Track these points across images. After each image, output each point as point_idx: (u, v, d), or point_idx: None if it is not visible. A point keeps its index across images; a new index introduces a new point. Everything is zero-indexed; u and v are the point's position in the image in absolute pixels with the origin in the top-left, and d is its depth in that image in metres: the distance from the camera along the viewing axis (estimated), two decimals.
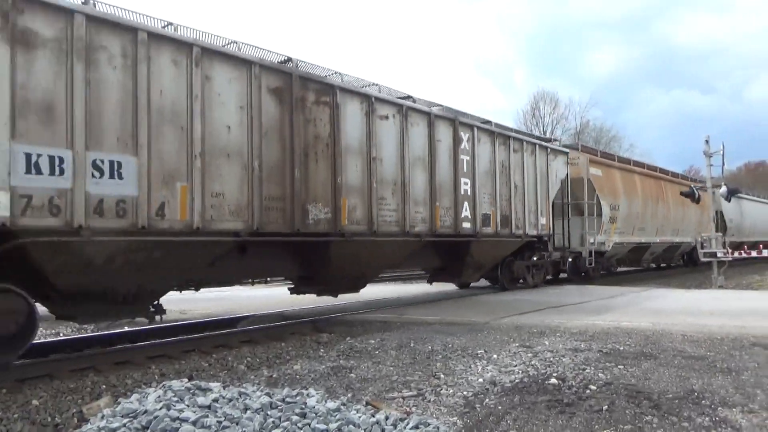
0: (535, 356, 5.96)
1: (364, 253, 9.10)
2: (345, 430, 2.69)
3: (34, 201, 5.45)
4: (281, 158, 7.71)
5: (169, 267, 6.76)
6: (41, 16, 5.60)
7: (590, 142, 48.40)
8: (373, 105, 9.06)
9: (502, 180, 12.01)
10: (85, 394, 5.33)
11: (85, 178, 5.79)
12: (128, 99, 6.21)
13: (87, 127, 5.83)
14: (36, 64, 5.57)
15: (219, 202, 6.96)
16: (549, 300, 11.17)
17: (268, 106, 7.57)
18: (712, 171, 16.13)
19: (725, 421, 3.92)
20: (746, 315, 8.67)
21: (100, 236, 5.88)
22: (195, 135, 6.72)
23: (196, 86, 6.76)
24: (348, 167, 8.65)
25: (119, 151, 6.10)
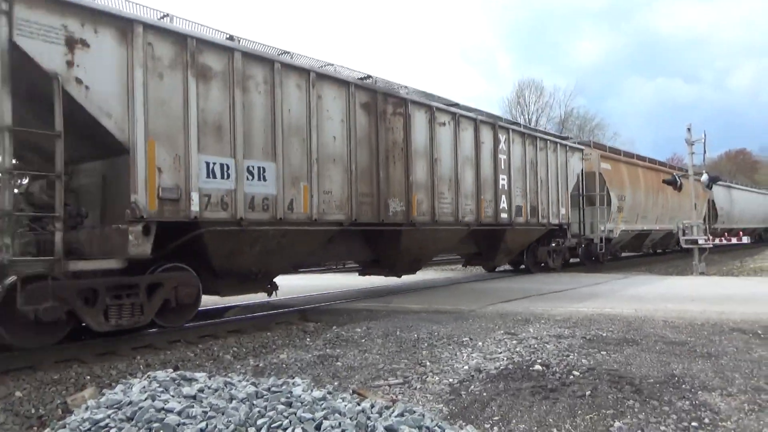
0: (520, 343, 6.02)
1: (426, 240, 10.84)
2: (331, 418, 2.71)
3: (211, 199, 7.06)
4: (369, 162, 9.37)
5: (289, 251, 8.44)
6: (213, 54, 7.18)
7: (574, 130, 48.72)
8: (434, 114, 10.73)
9: (531, 175, 13.70)
10: (69, 386, 5.29)
11: (243, 181, 7.38)
12: (268, 117, 7.78)
13: (244, 140, 7.43)
14: (210, 92, 7.13)
15: (328, 198, 8.61)
16: (534, 287, 11.28)
17: (360, 119, 9.22)
18: (693, 159, 16.32)
19: (705, 405, 4.00)
20: (726, 301, 8.82)
21: (253, 226, 7.53)
22: (312, 145, 8.35)
23: (312, 104, 8.35)
24: (417, 167, 10.32)
25: (264, 158, 7.70)
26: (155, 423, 2.72)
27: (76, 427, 2.93)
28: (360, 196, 9.09)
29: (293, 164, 8.07)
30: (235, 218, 7.26)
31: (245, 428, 2.61)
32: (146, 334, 6.99)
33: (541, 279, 13.44)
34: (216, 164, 7.10)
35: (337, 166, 8.76)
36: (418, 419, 2.82)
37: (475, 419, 3.91)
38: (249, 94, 7.53)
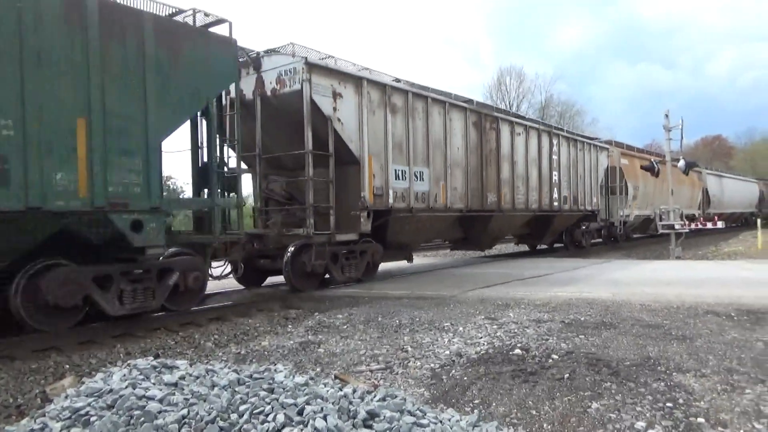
0: (500, 328, 6.10)
1: (506, 223, 14.81)
2: (313, 403, 2.72)
3: (397, 194, 10.72)
4: (477, 164, 13.17)
5: (429, 231, 12.62)
6: (397, 95, 10.95)
7: (555, 116, 48.99)
8: (514, 126, 14.57)
9: (573, 171, 17.39)
10: (48, 375, 5.24)
11: (412, 181, 11.10)
12: (425, 136, 11.54)
13: (412, 153, 11.14)
14: (396, 122, 10.85)
15: (455, 192, 12.38)
16: (515, 272, 11.40)
17: (471, 133, 13.00)
18: (671, 145, 16.55)
19: (679, 386, 4.10)
20: (701, 284, 9.01)
21: (418, 213, 11.37)
22: (447, 154, 12.11)
23: (447, 125, 12.13)
24: (503, 168, 14.06)
25: (423, 165, 11.46)
26: (136, 411, 2.71)
27: (56, 416, 2.91)
28: (471, 190, 12.87)
29: (437, 169, 11.83)
30: (408, 207, 11.04)
31: (227, 415, 2.61)
32: (125, 321, 6.91)
33: (522, 264, 13.58)
34: (399, 170, 10.82)
35: (459, 169, 12.54)
36: (400, 403, 2.85)
37: (456, 403, 3.96)
38: (415, 121, 11.26)
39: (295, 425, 2.52)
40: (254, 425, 2.53)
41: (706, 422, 3.48)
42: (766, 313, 6.55)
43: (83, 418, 2.80)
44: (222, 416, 2.60)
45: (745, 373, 4.38)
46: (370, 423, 2.62)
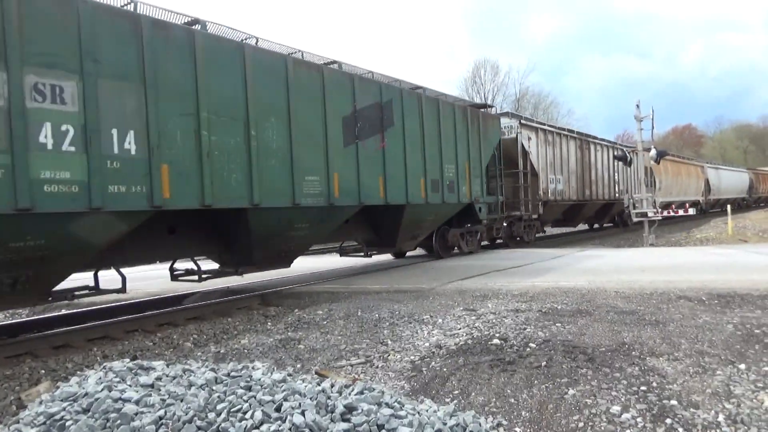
0: (479, 319, 6.15)
1: (590, 209, 21.86)
2: (291, 399, 2.72)
3: (548, 192, 17.54)
4: (580, 172, 19.94)
5: (557, 212, 19.48)
6: (550, 135, 18.33)
7: (529, 108, 49.39)
8: (595, 146, 21.61)
9: (604, 168, 22.64)
10: (23, 381, 5.16)
11: (561, 184, 18.40)
12: (560, 157, 18.38)
13: (556, 168, 18.41)
14: (551, 150, 18.22)
15: (571, 189, 18.99)
16: (494, 263, 11.50)
17: (578, 153, 19.75)
18: (642, 134, 16.83)
19: (653, 370, 4.19)
20: (674, 270, 9.20)
21: (558, 203, 18.56)
22: (569, 167, 18.92)
23: (568, 150, 18.97)
24: (592, 172, 20.99)
25: (559, 174, 18.29)
26: (112, 413, 2.68)
27: (30, 422, 2.87)
28: (578, 188, 19.51)
29: (564, 176, 18.49)
30: (554, 200, 17.83)
31: (205, 414, 2.60)
32: (101, 324, 6.82)
33: (500, 255, 13.71)
34: (552, 179, 17.62)
35: (573, 175, 19.34)
36: (377, 396, 2.87)
37: (436, 394, 3.99)
38: (555, 149, 18.21)
39: (273, 422, 2.52)
40: (232, 423, 2.52)
41: (679, 404, 3.56)
42: (735, 297, 6.71)
43: (58, 423, 2.76)
44: (199, 415, 2.59)
45: (716, 355, 4.49)
46: (348, 417, 2.63)
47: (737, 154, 71.21)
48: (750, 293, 6.84)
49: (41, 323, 7.55)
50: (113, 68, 6.21)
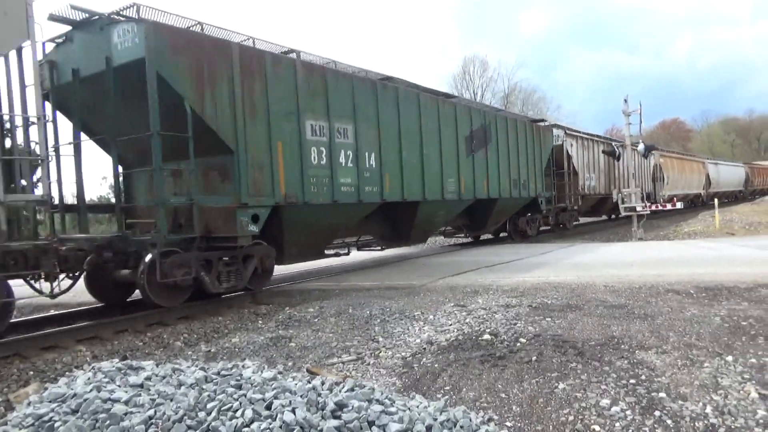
0: (470, 314, 6.17)
1: (609, 201, 21.91)
2: (281, 397, 2.72)
3: (584, 188, 20.45)
4: (607, 170, 22.25)
5: (589, 204, 21.88)
6: (587, 142, 21.04)
7: (518, 104, 49.48)
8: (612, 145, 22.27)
9: (624, 166, 23.86)
10: (11, 382, 5.11)
11: (593, 181, 21.16)
12: (593, 159, 21.09)
13: (592, 168, 21.08)
14: (583, 153, 20.80)
15: (598, 184, 21.40)
16: (484, 259, 11.53)
17: (603, 158, 21.75)
18: (630, 129, 16.93)
19: (642, 363, 4.23)
20: (662, 264, 9.28)
21: (591, 196, 21.01)
22: (599, 166, 21.70)
23: (597, 152, 21.46)
24: (615, 170, 22.58)
25: (594, 174, 21.12)
26: (101, 414, 2.66)
27: (18, 423, 2.84)
28: (604, 184, 21.71)
29: (596, 174, 21.08)
30: (589, 194, 20.40)
31: (195, 413, 2.59)
32: (90, 325, 6.77)
33: (490, 251, 13.75)
34: (587, 177, 20.38)
35: (603, 174, 21.78)
36: (368, 393, 2.87)
37: (428, 390, 4.00)
38: (589, 152, 20.69)
39: (263, 420, 2.51)
40: (222, 422, 2.52)
41: (667, 396, 3.60)
42: (722, 290, 6.79)
43: (47, 424, 2.74)
44: (189, 415, 2.58)
45: (704, 347, 4.54)
46: (338, 414, 2.63)
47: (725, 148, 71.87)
48: (737, 286, 6.92)
49: (30, 324, 7.47)
50: (364, 116, 10.26)
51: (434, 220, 13.12)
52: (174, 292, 7.49)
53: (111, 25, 7.54)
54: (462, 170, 12.98)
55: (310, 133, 9.08)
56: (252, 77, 8.23)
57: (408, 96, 11.45)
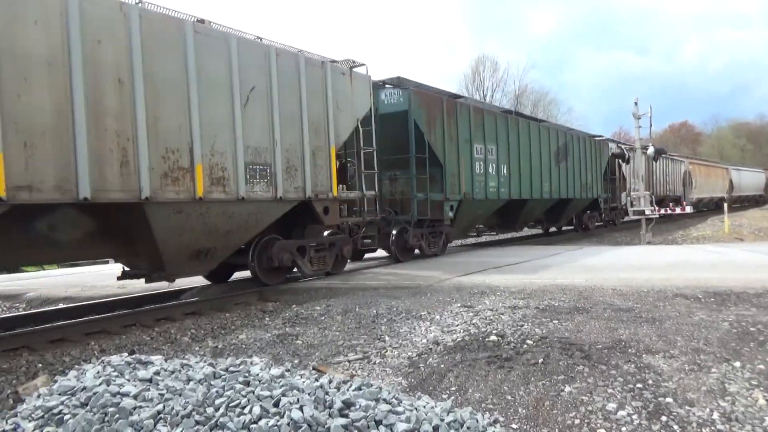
0: (476, 315, 6.17)
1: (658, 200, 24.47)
2: (289, 395, 2.73)
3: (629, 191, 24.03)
4: (648, 176, 23.03)
5: None
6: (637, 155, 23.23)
7: (529, 106, 49.33)
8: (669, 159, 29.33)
9: (671, 176, 30.03)
10: (20, 374, 5.15)
11: (630, 184, 23.74)
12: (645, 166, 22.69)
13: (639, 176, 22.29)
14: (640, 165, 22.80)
15: (640, 187, 20.48)
16: (492, 260, 11.52)
17: (645, 161, 21.82)
18: (640, 132, 16.85)
19: (649, 367, 4.21)
20: (670, 268, 9.22)
21: None
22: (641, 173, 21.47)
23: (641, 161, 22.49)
24: (653, 176, 25.85)
25: (636, 177, 21.80)
26: (110, 407, 2.68)
27: (28, 416, 2.87)
28: (645, 187, 21.47)
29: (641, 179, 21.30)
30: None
31: (203, 408, 2.61)
32: (99, 318, 6.82)
33: (499, 252, 13.74)
34: (633, 182, 22.24)
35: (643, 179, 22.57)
36: (375, 392, 2.88)
37: (433, 390, 4.01)
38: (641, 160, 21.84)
39: (271, 417, 2.53)
40: (230, 418, 2.53)
41: (674, 401, 3.59)
42: (731, 295, 6.74)
43: (56, 416, 2.77)
44: (198, 410, 2.60)
45: (712, 353, 4.52)
46: (346, 412, 2.64)
47: (734, 152, 71.29)
48: (746, 291, 6.87)
49: (38, 317, 7.54)
50: (502, 139, 14.74)
51: (533, 213, 17.91)
52: (404, 252, 12.51)
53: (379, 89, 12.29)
54: (552, 177, 17.33)
55: (476, 152, 13.89)
56: (450, 117, 12.98)
57: (522, 123, 16.03)
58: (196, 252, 7.59)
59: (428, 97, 12.52)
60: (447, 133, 12.72)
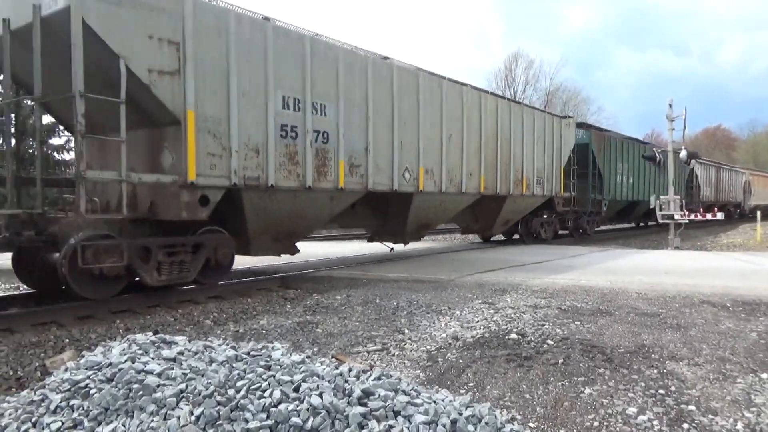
0: (497, 312, 6.14)
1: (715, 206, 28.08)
2: (309, 381, 2.76)
3: None
4: (714, 182, 31.81)
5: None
6: (697, 162, 28.88)
7: (559, 104, 48.73)
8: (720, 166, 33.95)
9: (731, 183, 35.03)
10: (47, 348, 5.29)
11: (702, 191, 29.88)
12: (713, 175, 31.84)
13: None
14: None
15: (706, 192, 30.02)
16: (515, 258, 11.44)
17: (716, 172, 32.17)
18: (673, 135, 16.49)
19: (672, 374, 4.14)
20: (698, 274, 9.04)
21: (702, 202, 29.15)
22: (705, 181, 30.47)
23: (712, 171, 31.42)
24: (720, 182, 32.73)
25: (707, 186, 30.86)
26: (135, 384, 2.75)
27: (56, 388, 2.95)
28: (711, 193, 30.93)
29: (705, 186, 30.00)
30: (703, 200, 28.24)
31: (225, 390, 2.65)
32: (124, 298, 6.95)
33: (522, 250, 13.62)
34: (704, 188, 29.75)
35: (708, 186, 30.52)
36: (395, 383, 2.89)
37: (451, 385, 4.00)
38: (712, 171, 31.61)
39: (291, 401, 2.56)
40: (251, 401, 2.57)
41: (697, 410, 3.52)
42: (760, 305, 6.59)
43: (83, 390, 2.84)
44: (219, 391, 2.64)
45: (738, 362, 4.43)
46: (365, 401, 2.65)
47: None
48: None
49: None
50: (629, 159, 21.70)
51: (639, 211, 23.77)
52: (576, 232, 19.00)
53: None
54: (648, 183, 22.55)
55: (618, 168, 20.38)
56: (607, 146, 19.70)
57: (637, 147, 22.18)
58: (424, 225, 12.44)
59: (598, 134, 19.63)
60: (605, 157, 19.48)
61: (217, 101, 7.26)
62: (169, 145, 7.07)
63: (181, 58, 6.84)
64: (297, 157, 8.30)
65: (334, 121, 8.88)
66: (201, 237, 7.52)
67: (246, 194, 7.75)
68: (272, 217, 8.34)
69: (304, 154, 8.39)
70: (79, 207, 6.14)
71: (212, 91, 7.19)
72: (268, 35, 7.83)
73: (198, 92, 7.02)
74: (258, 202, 8.00)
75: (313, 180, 8.52)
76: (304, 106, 8.35)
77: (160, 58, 6.68)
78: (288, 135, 8.17)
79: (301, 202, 8.60)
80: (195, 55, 6.98)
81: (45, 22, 6.47)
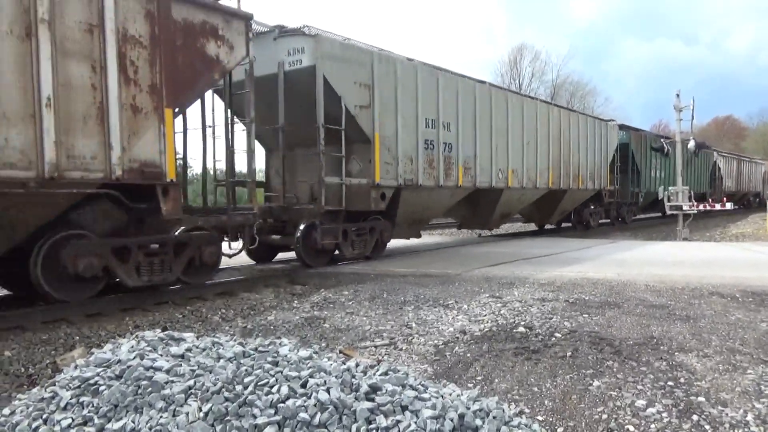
0: (504, 306, 6.13)
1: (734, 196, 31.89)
2: (316, 376, 2.76)
3: None
4: (735, 174, 35.57)
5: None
6: (720, 156, 33.85)
7: (566, 96, 48.44)
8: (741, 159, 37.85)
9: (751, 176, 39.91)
10: (58, 346, 5.34)
11: (726, 183, 33.91)
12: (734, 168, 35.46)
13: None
14: None
15: (729, 184, 33.73)
16: (522, 251, 11.41)
17: (737, 164, 36.05)
18: (681, 125, 16.37)
19: (681, 365, 4.12)
20: (707, 265, 8.99)
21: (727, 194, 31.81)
22: (732, 173, 34.79)
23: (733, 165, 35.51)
24: (740, 176, 36.09)
25: (730, 178, 34.77)
26: (144, 381, 2.76)
27: (66, 385, 2.97)
28: (733, 185, 34.41)
29: (729, 178, 34.31)
30: (727, 192, 31.02)
31: (232, 386, 2.66)
32: (133, 295, 7.00)
33: (530, 243, 13.59)
34: (727, 181, 33.25)
35: (730, 178, 34.25)
36: (402, 378, 2.89)
37: (459, 379, 4.00)
38: (732, 164, 34.72)
39: (298, 397, 2.56)
40: (258, 396, 2.58)
41: (707, 401, 3.51)
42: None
43: (92, 387, 2.86)
44: (227, 387, 2.65)
45: (748, 353, 4.40)
46: (372, 396, 2.66)
47: None
48: None
49: None
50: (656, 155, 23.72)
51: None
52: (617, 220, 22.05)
53: None
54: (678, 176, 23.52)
55: (652, 164, 22.82)
56: (645, 144, 22.26)
57: (658, 142, 23.50)
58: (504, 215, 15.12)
59: (636, 134, 21.91)
60: (642, 153, 21.85)
61: (390, 124, 10.16)
62: (357, 157, 9.96)
63: (370, 96, 9.75)
64: (434, 163, 11.20)
65: (455, 134, 11.72)
66: (374, 223, 10.44)
67: (404, 191, 10.60)
68: (413, 208, 11.20)
69: (438, 160, 11.29)
70: (321, 201, 9.18)
71: (387, 117, 10.09)
72: (418, 74, 10.76)
73: (380, 119, 9.90)
74: (408, 197, 10.80)
75: (443, 180, 11.41)
76: (437, 124, 11.22)
77: (361, 97, 9.63)
78: (428, 147, 11.08)
79: (434, 196, 11.56)
80: (379, 93, 9.87)
81: (286, 75, 9.32)
